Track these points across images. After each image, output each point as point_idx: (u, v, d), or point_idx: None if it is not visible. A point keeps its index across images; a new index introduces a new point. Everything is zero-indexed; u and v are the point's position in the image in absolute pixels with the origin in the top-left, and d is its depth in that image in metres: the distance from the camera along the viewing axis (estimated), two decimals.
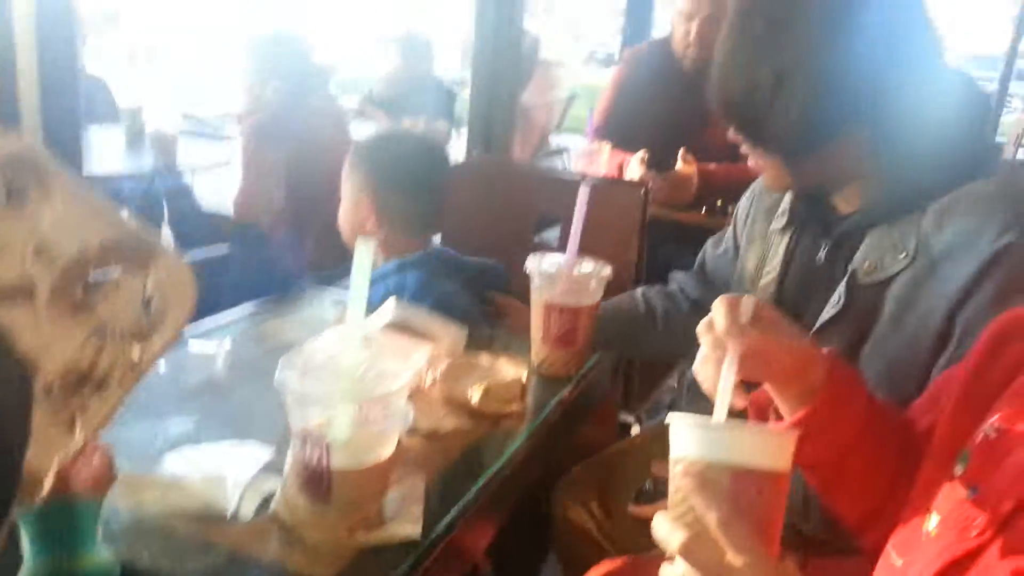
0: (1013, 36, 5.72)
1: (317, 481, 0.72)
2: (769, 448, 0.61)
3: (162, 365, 1.06)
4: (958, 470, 0.70)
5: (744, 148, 1.15)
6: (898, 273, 1.05)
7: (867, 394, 0.85)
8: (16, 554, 0.62)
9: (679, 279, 1.49)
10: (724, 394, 0.69)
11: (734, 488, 0.60)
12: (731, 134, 1.14)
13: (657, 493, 1.27)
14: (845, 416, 0.81)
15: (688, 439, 0.62)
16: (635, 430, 2.03)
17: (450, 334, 1.25)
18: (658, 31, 3.04)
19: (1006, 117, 6.78)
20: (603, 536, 1.34)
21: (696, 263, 1.50)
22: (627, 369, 1.91)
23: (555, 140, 5.28)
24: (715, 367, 0.76)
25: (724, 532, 0.58)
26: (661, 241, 2.26)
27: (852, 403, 0.82)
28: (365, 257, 0.72)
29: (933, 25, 1.06)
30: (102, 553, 0.63)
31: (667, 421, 0.65)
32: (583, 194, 1.15)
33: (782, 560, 0.58)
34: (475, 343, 1.24)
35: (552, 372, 1.18)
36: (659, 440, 1.46)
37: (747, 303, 0.74)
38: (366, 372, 0.74)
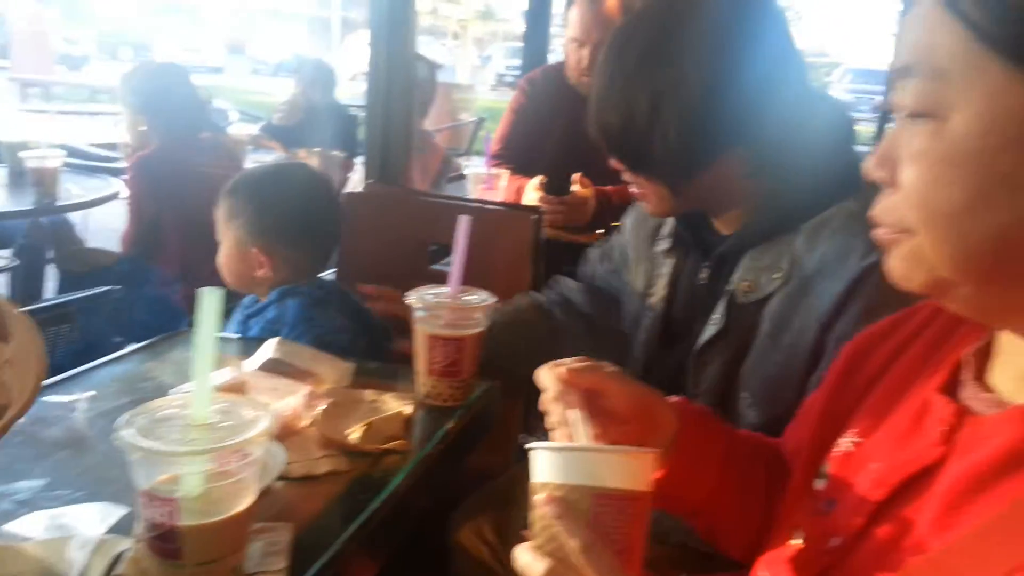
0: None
1: (167, 540, 0.68)
2: (629, 469, 0.61)
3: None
4: (818, 484, 0.72)
5: (626, 176, 1.17)
6: (773, 292, 1.08)
7: (725, 430, 0.87)
8: None
9: (571, 292, 1.50)
10: (577, 424, 0.69)
11: (595, 511, 0.60)
12: (613, 162, 1.16)
13: None
14: (707, 456, 0.82)
15: (548, 465, 0.61)
16: None
17: (335, 369, 1.22)
18: (555, 56, 3.09)
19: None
20: (498, 563, 1.33)
21: (585, 278, 1.52)
22: (528, 391, 1.91)
23: (465, 163, 5.30)
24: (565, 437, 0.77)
25: (587, 558, 0.57)
26: (562, 263, 2.28)
27: (711, 443, 0.84)
28: (212, 307, 0.69)
29: (798, 51, 1.10)
30: None
31: (527, 447, 0.64)
32: (463, 225, 1.14)
33: None
34: (362, 377, 1.22)
35: (438, 403, 1.17)
36: None
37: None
38: (219, 422, 0.71)
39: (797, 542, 0.69)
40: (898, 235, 0.58)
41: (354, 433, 1.02)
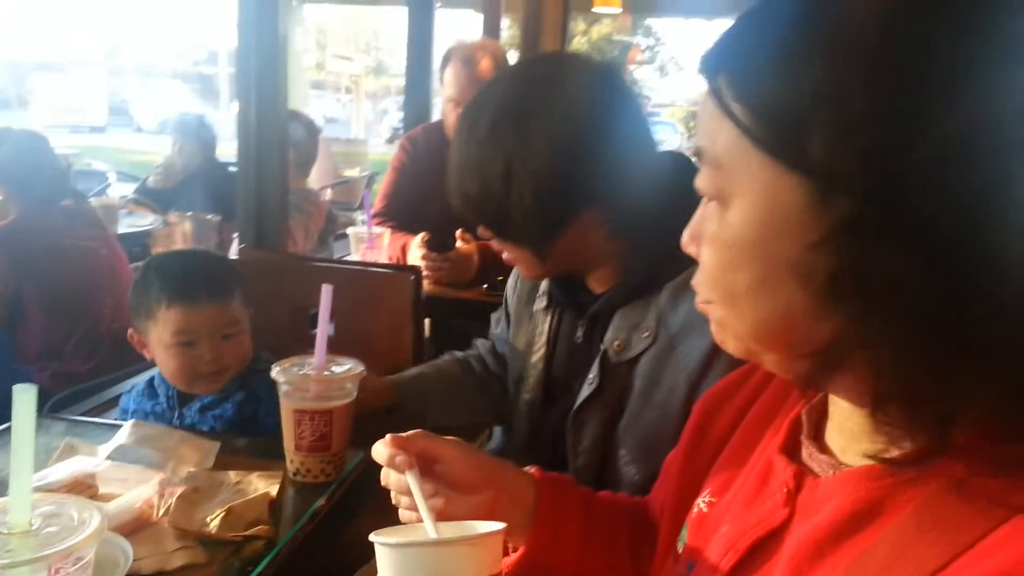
0: None
1: None
2: (471, 557, 0.59)
3: None
4: (679, 547, 0.72)
5: (494, 243, 1.18)
6: (644, 351, 1.10)
7: (583, 495, 0.86)
8: None
9: (484, 351, 1.51)
10: (423, 506, 0.67)
11: None
12: (480, 230, 1.17)
13: None
14: (567, 527, 0.82)
15: (389, 561, 0.59)
16: None
17: (197, 450, 1.16)
18: (439, 112, 3.12)
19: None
20: None
21: (490, 340, 1.52)
22: None
23: (360, 216, 5.25)
24: (408, 507, 0.77)
25: None
26: (451, 318, 2.27)
27: (570, 510, 0.83)
28: (28, 406, 0.64)
29: (644, 117, 1.15)
30: None
31: (371, 538, 0.62)
32: (325, 294, 1.12)
33: None
34: (229, 455, 1.16)
35: (309, 480, 1.12)
36: None
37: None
38: (43, 527, 0.65)
39: None
40: (707, 306, 0.60)
41: (213, 521, 0.96)
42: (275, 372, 1.11)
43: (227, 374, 1.34)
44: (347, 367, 1.14)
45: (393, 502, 0.79)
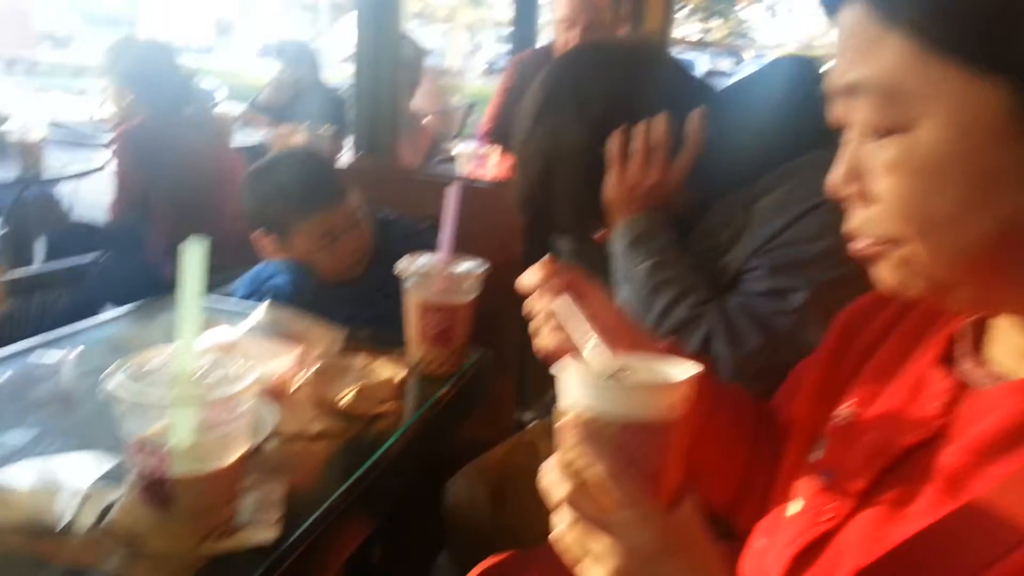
0: None
1: (157, 490, 0.68)
2: (657, 399, 0.57)
3: (3, 376, 0.99)
4: (815, 456, 0.72)
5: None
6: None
7: (712, 380, 0.86)
8: None
9: None
10: (583, 328, 0.68)
11: (622, 439, 0.57)
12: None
13: None
14: (700, 392, 0.82)
15: (576, 390, 0.59)
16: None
17: (325, 335, 1.22)
18: (544, 42, 3.09)
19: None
20: (496, 531, 1.33)
21: None
22: (520, 367, 1.91)
23: (455, 147, 5.28)
24: (553, 331, 0.77)
25: (611, 484, 0.55)
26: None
27: (702, 379, 0.83)
28: (196, 259, 0.68)
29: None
30: None
31: (553, 370, 0.62)
32: (452, 193, 1.14)
33: (674, 509, 0.56)
34: (352, 343, 1.22)
35: (430, 371, 1.17)
36: (551, 434, 1.47)
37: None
38: (205, 376, 0.70)
39: (795, 510, 0.69)
40: (883, 247, 0.56)
41: (345, 396, 1.02)
42: (402, 265, 1.15)
43: (366, 258, 1.47)
44: (471, 266, 1.17)
45: (531, 330, 0.81)
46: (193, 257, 0.68)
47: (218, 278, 1.86)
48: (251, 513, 0.75)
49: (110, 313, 1.32)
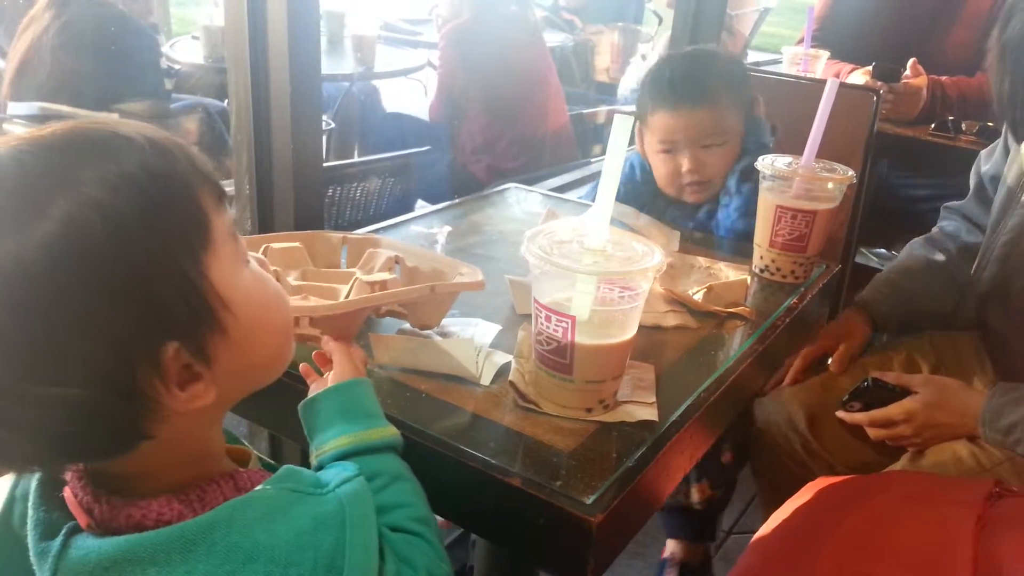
0: None
1: (560, 355, 0.70)
2: None
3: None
4: None
5: None
6: None
7: None
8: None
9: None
10: None
11: None
12: None
13: (874, 395, 1.19)
14: None
15: None
16: None
17: (664, 235, 1.21)
18: None
19: None
20: (808, 454, 1.28)
21: (972, 187, 1.38)
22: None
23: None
24: None
25: None
26: (878, 157, 2.07)
27: None
28: (622, 135, 0.68)
29: None
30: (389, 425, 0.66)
31: None
32: (830, 88, 1.04)
33: None
34: (688, 244, 1.20)
35: (776, 279, 1.11)
36: (875, 354, 1.36)
37: None
38: (613, 252, 0.71)
39: None
40: None
41: (697, 293, 1.00)
42: (760, 163, 1.09)
43: (709, 186, 1.30)
44: (837, 169, 1.08)
45: None
46: (621, 131, 0.68)
47: (529, 178, 1.93)
48: (630, 392, 0.77)
49: (450, 203, 1.37)
